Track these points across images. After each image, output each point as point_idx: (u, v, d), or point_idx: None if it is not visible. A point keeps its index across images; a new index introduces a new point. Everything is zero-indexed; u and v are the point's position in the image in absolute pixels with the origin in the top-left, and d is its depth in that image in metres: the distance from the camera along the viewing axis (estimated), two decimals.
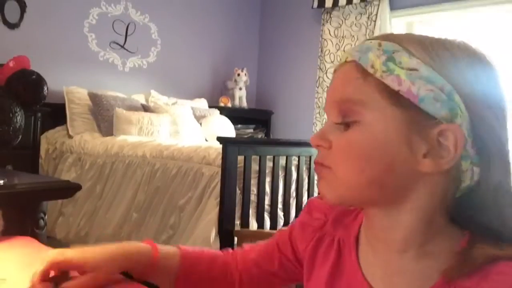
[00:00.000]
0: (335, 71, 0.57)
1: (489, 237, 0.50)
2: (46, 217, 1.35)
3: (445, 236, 0.52)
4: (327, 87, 4.02)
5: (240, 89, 4.39)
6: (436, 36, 0.52)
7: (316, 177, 2.56)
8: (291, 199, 2.41)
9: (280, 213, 2.34)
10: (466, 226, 0.52)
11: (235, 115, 4.18)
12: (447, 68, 0.49)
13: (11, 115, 1.27)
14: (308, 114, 4.26)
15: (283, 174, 2.35)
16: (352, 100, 0.51)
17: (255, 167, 2.19)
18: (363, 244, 0.60)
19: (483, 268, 0.48)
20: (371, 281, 0.56)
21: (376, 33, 3.69)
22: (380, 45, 0.51)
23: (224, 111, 4.11)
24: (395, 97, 0.49)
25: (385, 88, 0.49)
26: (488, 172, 0.50)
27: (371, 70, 0.50)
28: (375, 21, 3.73)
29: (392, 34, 0.53)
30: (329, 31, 4.06)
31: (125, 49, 3.84)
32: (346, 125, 0.52)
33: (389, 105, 0.49)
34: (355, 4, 3.85)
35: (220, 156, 2.10)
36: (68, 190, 1.43)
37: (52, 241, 2.62)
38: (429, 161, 0.49)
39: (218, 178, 2.14)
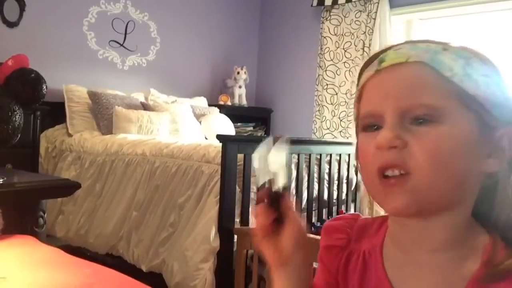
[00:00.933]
0: (383, 70, 0.54)
1: (507, 243, 0.52)
2: (45, 215, 1.35)
3: (474, 234, 0.54)
4: (327, 85, 4.03)
5: (240, 87, 4.39)
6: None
7: (316, 175, 2.56)
8: (291, 197, 2.41)
9: None
10: (484, 223, 0.55)
11: (234, 113, 4.18)
12: (500, 75, 0.53)
13: (10, 113, 1.27)
14: (307, 112, 4.26)
15: None
16: (427, 102, 0.51)
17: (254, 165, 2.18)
18: (390, 251, 0.59)
19: (509, 275, 0.50)
20: (398, 284, 0.56)
21: (376, 31, 3.69)
22: (445, 49, 0.53)
23: (223, 109, 4.11)
24: (471, 101, 0.51)
25: (462, 92, 0.51)
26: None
27: (448, 73, 0.51)
28: (374, 18, 3.73)
29: (443, 41, 0.55)
30: (329, 29, 4.05)
31: (124, 47, 3.83)
32: (422, 125, 0.51)
33: (465, 108, 0.51)
34: (355, 2, 3.84)
35: (220, 154, 2.10)
36: (68, 188, 1.44)
37: (51, 240, 2.62)
38: (493, 161, 0.52)
39: (217, 176, 2.14)
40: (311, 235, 1.23)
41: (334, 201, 2.69)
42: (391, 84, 0.53)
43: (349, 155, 2.76)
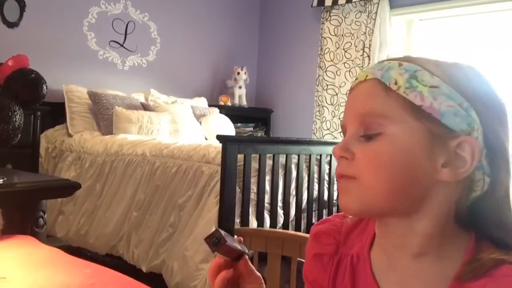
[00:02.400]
0: (352, 88, 0.60)
1: (492, 242, 0.54)
2: (45, 215, 1.35)
3: (457, 240, 0.56)
4: (327, 85, 4.03)
5: (240, 87, 4.39)
6: (447, 60, 0.58)
7: (316, 175, 2.56)
8: (291, 198, 2.41)
9: (280, 212, 2.34)
10: (470, 230, 0.56)
11: (234, 114, 4.18)
12: (463, 86, 0.54)
13: (10, 114, 1.27)
14: (307, 113, 4.26)
15: (283, 172, 2.35)
16: (376, 114, 0.55)
17: (254, 165, 2.19)
18: (376, 254, 0.62)
19: (489, 271, 0.52)
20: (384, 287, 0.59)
21: (376, 32, 3.69)
22: (400, 65, 0.56)
23: (223, 109, 4.11)
24: (417, 112, 0.53)
25: (407, 103, 0.53)
26: (495, 183, 0.54)
27: (394, 87, 0.54)
28: (374, 19, 3.73)
29: (409, 57, 0.58)
30: (329, 29, 4.05)
31: (124, 48, 3.84)
32: (369, 137, 0.55)
33: (411, 119, 0.53)
34: (355, 2, 3.84)
35: (220, 155, 2.10)
36: (68, 188, 1.43)
37: (51, 240, 2.62)
38: (447, 171, 0.53)
39: (218, 177, 2.14)
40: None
41: (334, 201, 2.69)
42: (352, 99, 0.60)
43: None
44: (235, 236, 0.66)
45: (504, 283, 0.51)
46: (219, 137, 2.09)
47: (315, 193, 2.56)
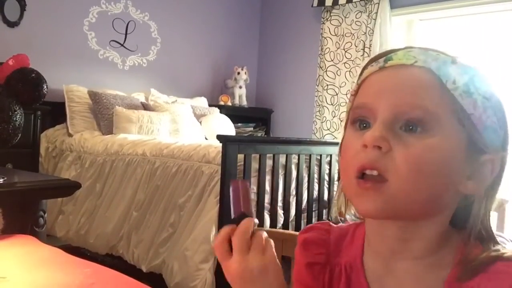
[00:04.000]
0: (384, 67, 0.54)
1: (479, 241, 0.54)
2: (46, 215, 1.35)
3: (450, 241, 0.55)
4: (327, 85, 4.03)
5: (240, 87, 4.39)
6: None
7: (316, 175, 2.56)
8: (291, 198, 2.41)
9: (280, 212, 2.34)
10: (459, 230, 0.56)
11: (235, 114, 4.18)
12: (500, 103, 0.53)
13: (10, 113, 1.27)
14: (308, 113, 4.26)
15: (283, 172, 2.35)
16: (427, 109, 0.50)
17: (255, 165, 2.19)
18: (370, 262, 0.59)
19: (483, 269, 0.51)
20: None
21: (376, 32, 3.69)
22: (454, 61, 0.52)
23: (224, 109, 4.11)
24: (465, 119, 0.50)
25: (459, 107, 0.50)
26: (492, 197, 0.54)
27: (451, 86, 0.51)
28: (375, 19, 3.73)
29: (451, 54, 0.54)
30: (329, 29, 4.05)
31: (125, 47, 3.83)
32: (411, 131, 0.50)
33: (456, 124, 0.50)
34: (355, 2, 3.84)
35: (220, 155, 2.10)
36: (68, 188, 1.43)
37: (51, 240, 2.62)
38: (472, 184, 0.52)
39: (218, 177, 2.14)
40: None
41: (334, 201, 2.68)
42: (393, 81, 0.53)
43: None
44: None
45: (498, 279, 0.50)
46: (219, 137, 2.09)
47: (315, 193, 2.56)
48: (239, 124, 4.23)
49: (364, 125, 0.54)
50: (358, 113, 0.55)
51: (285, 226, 2.34)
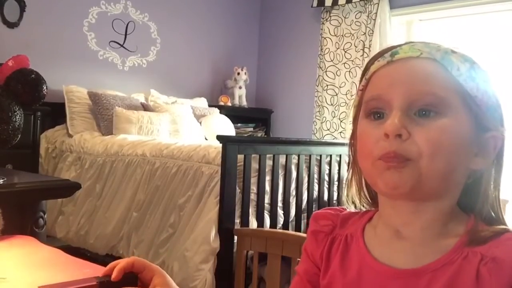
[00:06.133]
0: (392, 61, 0.59)
1: (487, 223, 0.58)
2: (45, 216, 1.35)
3: (458, 217, 0.60)
4: (327, 86, 4.03)
5: (240, 88, 4.39)
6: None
7: (316, 176, 2.56)
8: (291, 198, 2.41)
9: (280, 212, 2.34)
10: (468, 212, 0.61)
11: (235, 114, 4.18)
12: (494, 84, 0.59)
13: (10, 114, 1.27)
14: (308, 113, 4.26)
15: (283, 172, 2.35)
16: (437, 94, 0.56)
17: (255, 165, 2.19)
18: (371, 232, 0.64)
19: (493, 237, 0.56)
20: (380, 256, 0.61)
21: (376, 32, 3.69)
22: (454, 51, 0.58)
23: (224, 110, 4.11)
24: (470, 101, 0.57)
25: (464, 91, 0.56)
26: (498, 172, 0.60)
27: (456, 73, 0.57)
28: (374, 19, 3.73)
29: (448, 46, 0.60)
30: (329, 29, 4.06)
31: (124, 48, 3.84)
32: (425, 116, 0.55)
33: (463, 107, 0.56)
34: (355, 2, 3.85)
35: (220, 155, 2.10)
36: (68, 189, 1.43)
37: (51, 240, 2.62)
38: (479, 160, 0.58)
39: (218, 177, 2.14)
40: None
41: (334, 202, 2.69)
42: (403, 72, 0.58)
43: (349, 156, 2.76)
44: None
45: (508, 246, 0.54)
46: (219, 138, 2.09)
47: (315, 193, 2.56)
48: (239, 125, 4.23)
49: (378, 115, 0.59)
50: (373, 105, 0.59)
51: (285, 226, 2.34)
